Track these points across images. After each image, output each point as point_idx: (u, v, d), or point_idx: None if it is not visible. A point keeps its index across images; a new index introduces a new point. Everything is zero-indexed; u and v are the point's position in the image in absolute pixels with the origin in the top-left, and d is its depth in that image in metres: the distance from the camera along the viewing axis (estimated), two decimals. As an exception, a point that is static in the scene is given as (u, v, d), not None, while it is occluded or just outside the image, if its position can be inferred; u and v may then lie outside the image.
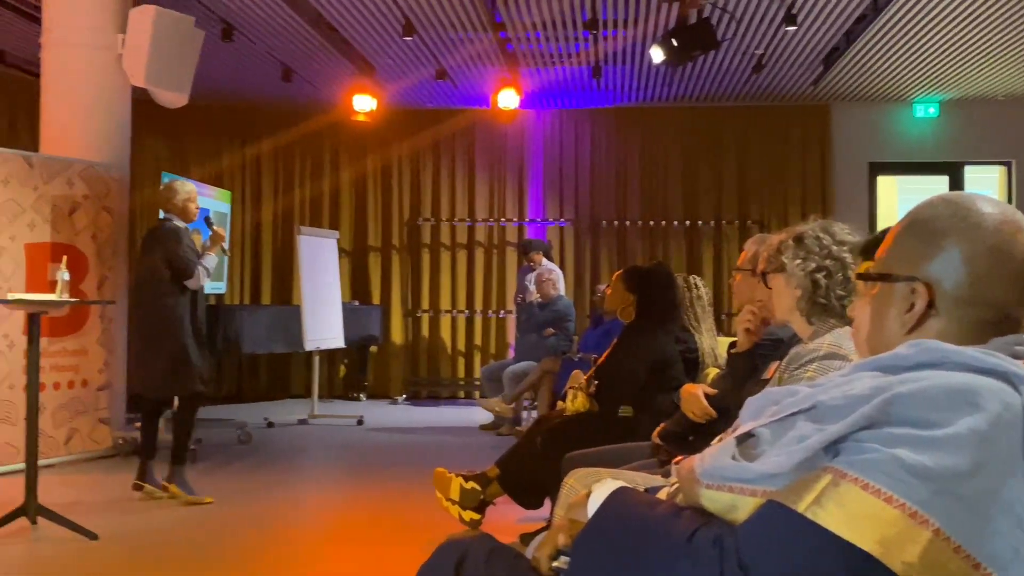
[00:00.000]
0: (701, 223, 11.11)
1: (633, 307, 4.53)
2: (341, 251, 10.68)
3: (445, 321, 11.38)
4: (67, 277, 5.05)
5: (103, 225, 6.90)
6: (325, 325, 9.17)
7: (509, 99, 9.62)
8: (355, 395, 10.96)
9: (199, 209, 5.65)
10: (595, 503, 1.35)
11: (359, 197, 11.49)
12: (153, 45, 6.62)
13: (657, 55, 7.78)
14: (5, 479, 5.74)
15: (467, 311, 11.35)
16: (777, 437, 1.18)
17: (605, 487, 1.37)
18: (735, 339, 3.11)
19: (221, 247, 5.71)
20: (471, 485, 4.31)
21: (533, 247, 9.39)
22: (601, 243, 11.26)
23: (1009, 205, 1.30)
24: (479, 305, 11.33)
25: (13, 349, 6.18)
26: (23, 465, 4.77)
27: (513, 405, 8.23)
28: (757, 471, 1.15)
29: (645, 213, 11.16)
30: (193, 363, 5.40)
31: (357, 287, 11.38)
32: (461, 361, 11.37)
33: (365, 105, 9.74)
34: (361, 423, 8.91)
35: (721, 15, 7.77)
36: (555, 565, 1.40)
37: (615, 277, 4.77)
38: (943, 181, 11.04)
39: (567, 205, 11.30)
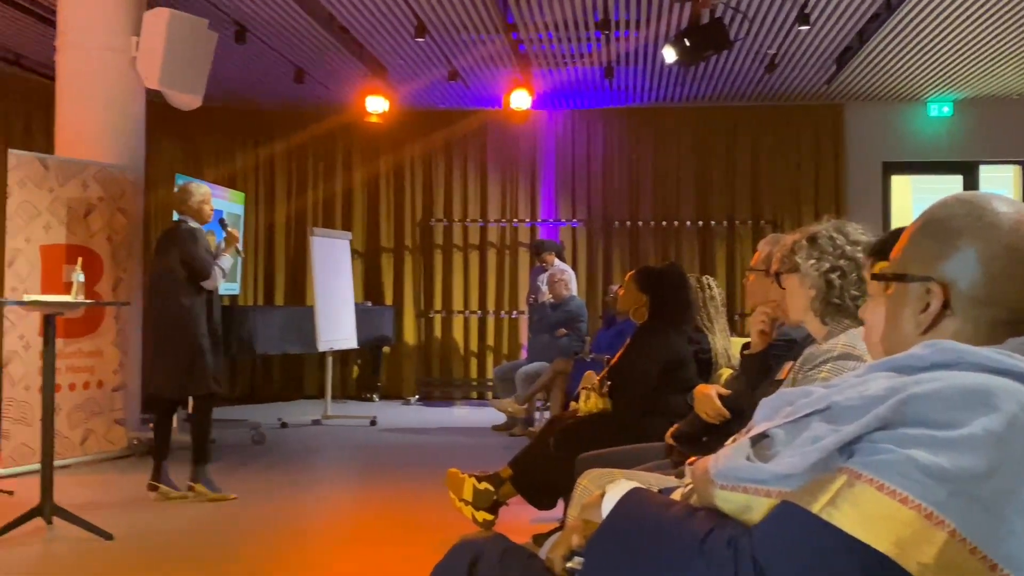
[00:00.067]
0: (714, 223, 11.07)
1: (646, 307, 4.52)
2: (354, 252, 10.71)
3: (457, 322, 11.39)
4: (82, 279, 5.09)
5: (118, 227, 6.93)
6: (338, 326, 9.19)
7: (521, 100, 9.63)
8: (368, 396, 10.98)
9: (214, 211, 5.71)
10: (609, 504, 1.35)
11: (372, 198, 11.51)
12: (167, 48, 6.65)
13: (669, 55, 7.76)
14: (21, 479, 5.78)
15: (479, 312, 11.35)
16: (792, 438, 1.17)
17: (619, 488, 1.37)
18: (748, 340, 3.10)
19: (235, 248, 5.78)
20: (484, 486, 4.31)
21: (545, 247, 9.39)
22: (613, 243, 11.24)
23: (1025, 204, 1.29)
24: (491, 306, 11.33)
25: (29, 350, 6.22)
26: (39, 465, 4.80)
27: (526, 406, 8.23)
28: (771, 472, 1.14)
29: (657, 213, 11.13)
30: (208, 363, 5.46)
31: (370, 288, 11.40)
32: (473, 362, 11.37)
33: (377, 106, 9.77)
34: (374, 424, 8.93)
35: (734, 15, 7.75)
36: (569, 566, 1.40)
37: (628, 277, 4.76)
38: (957, 181, 10.96)
39: (579, 205, 11.28)
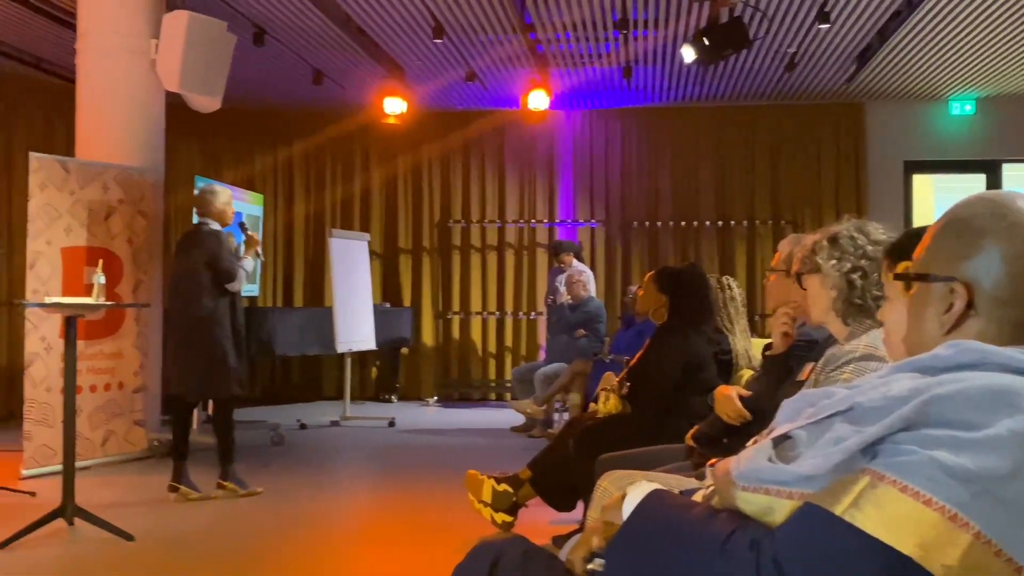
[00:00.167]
0: (734, 223, 11.02)
1: (665, 308, 4.51)
2: (372, 253, 10.74)
3: (476, 323, 11.39)
4: (103, 281, 5.12)
5: (138, 229, 6.97)
6: (356, 327, 9.21)
7: (539, 100, 9.61)
8: (387, 397, 11.00)
9: (235, 213, 5.74)
10: (630, 505, 1.34)
11: (390, 199, 11.53)
12: (186, 50, 6.68)
13: (688, 54, 7.73)
14: (43, 480, 5.83)
15: (498, 313, 11.35)
16: (814, 439, 1.16)
17: (640, 489, 1.37)
18: (769, 340, 3.09)
19: (256, 251, 5.82)
20: (503, 487, 4.30)
21: (564, 248, 9.38)
22: (632, 244, 11.21)
23: (1049, 203, 1.28)
24: (510, 307, 11.32)
25: (50, 352, 6.26)
26: (60, 467, 4.84)
27: (544, 407, 8.22)
28: (794, 473, 1.14)
29: (677, 213, 11.09)
30: (231, 365, 5.49)
31: (388, 289, 11.42)
32: (492, 363, 11.36)
33: (395, 107, 9.78)
34: (393, 425, 8.94)
35: (753, 13, 7.72)
36: (590, 567, 1.39)
37: (647, 278, 4.75)
38: (980, 179, 10.87)
39: (598, 206, 11.26)
